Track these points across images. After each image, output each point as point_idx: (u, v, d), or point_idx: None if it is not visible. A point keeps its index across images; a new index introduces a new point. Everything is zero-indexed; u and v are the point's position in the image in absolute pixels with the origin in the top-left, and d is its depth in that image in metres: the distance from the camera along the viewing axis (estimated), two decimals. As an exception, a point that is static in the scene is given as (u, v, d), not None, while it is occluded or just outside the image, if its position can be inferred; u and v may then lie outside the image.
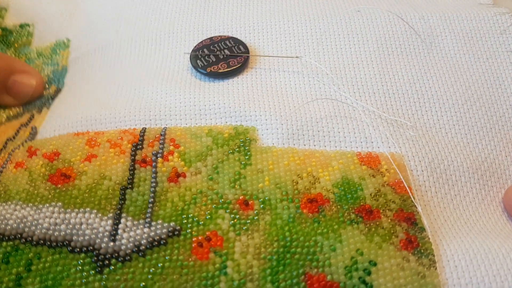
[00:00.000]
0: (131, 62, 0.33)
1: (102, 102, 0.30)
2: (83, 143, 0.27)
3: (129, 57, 0.33)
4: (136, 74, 0.32)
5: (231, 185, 0.25)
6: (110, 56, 0.34)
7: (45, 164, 0.26)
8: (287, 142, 0.27)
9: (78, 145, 0.27)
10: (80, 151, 0.26)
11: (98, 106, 0.30)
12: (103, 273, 0.21)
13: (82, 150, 0.26)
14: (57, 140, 0.27)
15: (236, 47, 0.32)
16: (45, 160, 0.26)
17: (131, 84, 0.31)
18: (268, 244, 0.23)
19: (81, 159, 0.26)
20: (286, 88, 0.31)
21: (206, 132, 0.27)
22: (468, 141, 0.29)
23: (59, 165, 0.26)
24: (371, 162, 0.26)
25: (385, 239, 0.23)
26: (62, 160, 0.26)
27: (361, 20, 0.34)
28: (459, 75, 0.32)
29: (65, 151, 0.26)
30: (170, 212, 0.24)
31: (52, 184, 0.25)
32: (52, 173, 0.25)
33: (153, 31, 0.35)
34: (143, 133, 0.27)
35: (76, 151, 0.26)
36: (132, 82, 0.31)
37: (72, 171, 0.25)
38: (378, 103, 0.30)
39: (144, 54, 0.33)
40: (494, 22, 0.35)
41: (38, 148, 0.27)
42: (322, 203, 0.24)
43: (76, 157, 0.26)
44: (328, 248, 0.22)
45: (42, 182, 0.25)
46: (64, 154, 0.26)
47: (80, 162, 0.26)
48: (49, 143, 0.27)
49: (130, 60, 0.33)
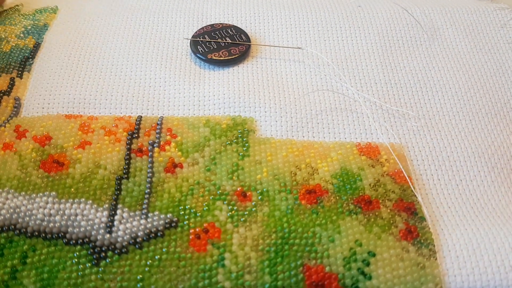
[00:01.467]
0: (127, 41, 0.32)
1: (96, 82, 0.29)
2: (76, 128, 0.26)
3: (126, 35, 0.33)
4: (133, 55, 0.31)
5: (228, 176, 0.24)
6: (103, 32, 0.33)
7: (36, 148, 0.25)
8: (285, 134, 0.27)
9: (70, 129, 0.26)
10: (73, 137, 0.26)
11: (92, 87, 0.29)
12: (100, 265, 0.21)
13: (75, 136, 0.26)
14: (47, 122, 0.27)
15: (238, 35, 0.32)
16: (36, 144, 0.25)
17: (128, 66, 0.30)
18: (266, 236, 0.22)
19: (74, 145, 0.25)
20: (287, 79, 0.30)
21: (203, 122, 0.27)
22: (473, 126, 0.28)
23: (51, 150, 0.25)
24: (371, 153, 0.26)
25: (384, 230, 0.23)
26: (54, 145, 0.25)
27: (363, 11, 0.34)
28: (461, 64, 0.31)
29: (57, 135, 0.26)
30: (167, 203, 0.23)
31: (44, 172, 0.24)
32: (44, 159, 0.25)
33: (152, 12, 0.34)
34: (139, 121, 0.27)
35: (68, 137, 0.26)
36: (129, 64, 0.31)
37: (65, 158, 0.25)
38: (379, 94, 0.29)
39: (141, 34, 0.33)
40: (494, 16, 0.34)
41: (27, 129, 0.26)
42: (321, 194, 0.24)
43: (69, 143, 0.26)
44: (327, 239, 0.22)
45: (34, 169, 0.24)
46: (56, 139, 0.26)
47: (73, 148, 0.25)
48: (38, 124, 0.26)
49: (126, 39, 0.32)
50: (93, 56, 0.31)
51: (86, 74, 0.30)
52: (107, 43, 0.32)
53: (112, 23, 0.33)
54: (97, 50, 0.32)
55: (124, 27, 0.33)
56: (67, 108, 0.28)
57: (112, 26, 0.33)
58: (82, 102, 0.28)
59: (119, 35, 0.33)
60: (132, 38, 0.32)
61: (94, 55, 0.31)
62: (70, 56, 0.31)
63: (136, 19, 0.34)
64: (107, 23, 0.33)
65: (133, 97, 0.29)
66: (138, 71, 0.30)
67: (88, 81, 0.29)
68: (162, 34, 0.33)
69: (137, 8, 0.35)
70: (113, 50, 0.31)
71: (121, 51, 0.31)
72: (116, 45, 0.32)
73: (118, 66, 0.30)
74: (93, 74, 0.30)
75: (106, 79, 0.30)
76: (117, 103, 0.28)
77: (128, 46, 0.32)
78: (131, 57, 0.31)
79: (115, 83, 0.29)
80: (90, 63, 0.31)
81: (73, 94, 0.29)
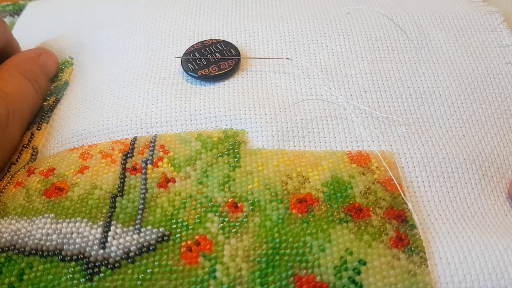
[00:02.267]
0: (124, 68, 0.33)
1: (95, 113, 0.30)
2: (77, 157, 0.27)
3: (122, 63, 0.34)
4: (128, 80, 0.32)
5: (220, 188, 0.25)
6: (104, 65, 0.34)
7: (41, 180, 0.26)
8: (277, 144, 0.27)
9: (72, 159, 0.27)
10: (74, 165, 0.27)
11: (91, 118, 0.30)
12: (93, 280, 0.22)
13: (76, 164, 0.27)
14: (54, 157, 0.28)
15: (227, 50, 0.33)
16: (41, 176, 0.26)
17: (124, 91, 0.31)
18: (257, 246, 0.23)
19: (75, 171, 0.26)
20: (277, 90, 0.31)
21: (195, 137, 0.27)
22: (464, 133, 0.28)
23: (54, 179, 0.26)
24: (361, 161, 0.26)
25: (375, 238, 0.23)
26: (57, 174, 0.26)
27: (351, 20, 0.34)
28: (452, 70, 0.31)
29: (60, 166, 0.27)
30: (159, 218, 0.24)
31: (46, 198, 0.25)
32: (47, 187, 0.25)
33: (145, 37, 0.35)
34: (134, 141, 0.28)
35: (70, 165, 0.27)
36: (124, 89, 0.31)
37: (65, 184, 0.26)
38: (369, 101, 0.30)
39: (136, 59, 0.34)
40: (484, 20, 0.34)
41: (37, 167, 0.27)
42: (312, 202, 0.24)
43: (70, 171, 0.26)
44: (317, 248, 0.22)
45: (38, 197, 0.25)
46: (59, 169, 0.26)
47: (74, 174, 0.26)
48: (46, 160, 0.27)
49: (123, 67, 0.33)
50: (95, 91, 0.32)
51: (89, 107, 0.31)
52: (101, 68, 0.34)
53: (105, 47, 0.35)
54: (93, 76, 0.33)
55: (118, 51, 0.34)
56: (72, 142, 0.29)
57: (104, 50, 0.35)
58: (83, 133, 0.29)
59: (117, 66, 0.34)
60: (127, 64, 0.34)
61: (95, 90, 0.32)
62: (80, 99, 0.32)
63: (130, 42, 0.35)
64: (108, 58, 0.35)
65: (127, 118, 0.29)
66: (132, 94, 0.31)
67: (90, 113, 0.31)
68: (154, 55, 0.34)
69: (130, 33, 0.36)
70: (110, 81, 0.33)
71: (118, 79, 0.33)
72: (113, 74, 0.33)
73: (114, 94, 0.32)
74: (94, 105, 0.31)
75: (105, 107, 0.31)
76: (113, 127, 0.29)
77: (124, 73, 0.33)
78: (127, 83, 0.32)
79: (112, 109, 0.30)
80: (92, 98, 0.32)
81: (76, 128, 0.30)
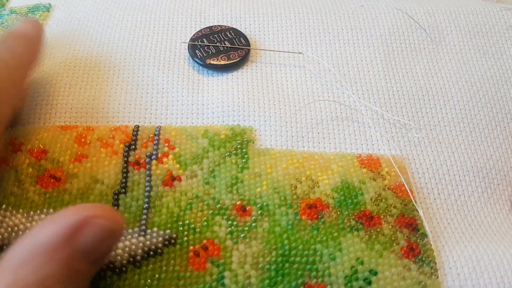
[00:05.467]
0: (124, 44, 0.31)
1: (94, 90, 0.28)
2: (72, 140, 0.25)
3: (121, 37, 0.31)
4: (129, 60, 0.30)
5: (228, 190, 0.24)
6: (99, 34, 0.32)
7: (32, 163, 0.24)
8: (285, 144, 0.27)
9: (66, 142, 0.25)
10: (69, 150, 0.25)
11: (89, 95, 0.28)
12: (99, 285, 0.21)
13: (71, 149, 0.25)
14: (43, 134, 0.26)
15: (237, 39, 0.31)
16: (32, 158, 0.25)
17: (125, 71, 0.29)
18: (266, 253, 0.22)
19: (71, 158, 0.25)
20: (287, 85, 0.30)
21: (202, 133, 0.26)
22: (473, 138, 0.28)
23: (48, 165, 0.24)
24: (372, 165, 0.25)
25: (386, 247, 0.22)
26: (50, 159, 0.25)
27: (365, 15, 0.33)
28: (464, 71, 0.31)
29: (53, 149, 0.25)
30: (165, 219, 0.23)
31: (41, 188, 0.24)
32: (40, 174, 0.24)
33: (148, 12, 0.33)
34: (136, 132, 0.26)
35: (65, 150, 0.25)
36: (126, 69, 0.30)
37: (62, 173, 0.24)
38: (381, 101, 0.29)
39: (138, 36, 0.32)
40: (500, 17, 0.33)
41: (23, 142, 0.25)
42: (322, 209, 0.24)
43: (65, 157, 0.25)
44: (328, 257, 0.22)
45: (31, 185, 0.24)
46: (52, 153, 0.25)
47: (70, 162, 0.25)
48: (34, 137, 0.26)
49: (123, 42, 0.31)
50: (89, 61, 0.30)
51: (83, 81, 0.29)
52: (103, 46, 0.31)
53: (108, 24, 0.32)
54: (93, 54, 0.31)
55: (120, 28, 0.32)
56: (63, 118, 0.27)
57: (108, 27, 0.32)
58: (78, 111, 0.27)
59: (115, 38, 0.31)
60: (128, 41, 0.31)
61: (90, 60, 0.30)
62: (66, 62, 0.30)
63: (132, 20, 0.33)
64: (102, 24, 0.32)
65: (130, 105, 0.28)
66: (135, 77, 0.29)
67: (84, 88, 0.28)
68: (160, 36, 0.32)
69: (132, 7, 0.34)
70: (109, 55, 0.30)
71: (118, 55, 0.30)
72: (112, 49, 0.31)
73: (114, 72, 0.30)
74: (90, 81, 0.29)
75: (103, 86, 0.29)
76: (114, 111, 0.28)
77: (125, 50, 0.31)
78: (128, 62, 0.30)
79: (112, 90, 0.29)
80: (86, 69, 0.30)
81: (70, 103, 0.28)
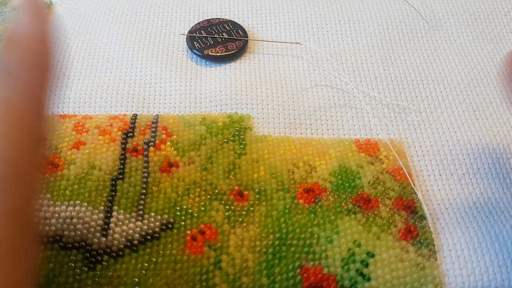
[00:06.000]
0: (123, 36, 0.31)
1: (92, 80, 0.29)
2: (70, 128, 0.26)
3: (120, 30, 0.32)
4: (128, 51, 0.30)
5: (225, 176, 0.24)
6: (98, 28, 0.32)
7: None
8: (283, 131, 0.26)
9: (65, 129, 0.26)
10: (68, 137, 0.25)
11: (87, 85, 0.29)
12: (96, 269, 0.21)
13: (70, 136, 0.25)
14: None
15: (235, 30, 0.31)
16: None
17: (123, 63, 0.30)
18: (264, 237, 0.22)
19: (69, 146, 0.25)
20: (284, 74, 0.30)
21: (199, 120, 0.26)
22: (477, 117, 0.27)
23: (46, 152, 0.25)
24: (370, 149, 0.25)
25: (384, 229, 0.22)
26: (49, 146, 0.25)
27: (363, 4, 0.33)
28: (464, 55, 0.30)
29: (51, 136, 0.25)
30: (162, 204, 0.23)
31: None
32: None
33: (147, 6, 0.33)
34: (134, 120, 0.26)
35: (63, 137, 0.25)
36: (124, 60, 0.30)
37: (59, 159, 0.24)
38: (379, 88, 0.29)
39: (136, 29, 0.32)
40: (497, 3, 0.33)
41: None
42: (319, 193, 0.23)
43: (63, 144, 0.25)
44: (325, 240, 0.22)
45: None
46: (51, 140, 0.25)
47: (68, 149, 0.25)
48: None
49: (121, 34, 0.32)
50: (88, 53, 0.30)
51: (82, 71, 0.29)
52: (102, 38, 0.31)
53: (107, 18, 0.33)
54: (92, 46, 0.31)
55: (119, 22, 0.32)
56: (62, 107, 0.27)
57: (107, 21, 0.33)
58: (77, 101, 0.28)
59: (114, 31, 0.32)
60: (128, 34, 0.32)
61: (89, 52, 0.31)
62: (65, 54, 0.30)
63: (131, 14, 0.33)
64: (102, 18, 0.33)
65: (129, 95, 0.28)
66: (133, 68, 0.30)
67: (83, 79, 0.29)
68: (158, 29, 0.32)
69: (132, 1, 0.34)
70: (108, 47, 0.31)
71: (116, 47, 0.31)
72: (111, 42, 0.31)
73: (113, 63, 0.30)
74: (88, 71, 0.29)
75: (102, 76, 0.29)
76: (113, 101, 0.28)
77: (124, 42, 0.31)
78: (127, 53, 0.30)
79: (110, 80, 0.29)
80: (85, 61, 0.30)
81: (69, 93, 0.28)
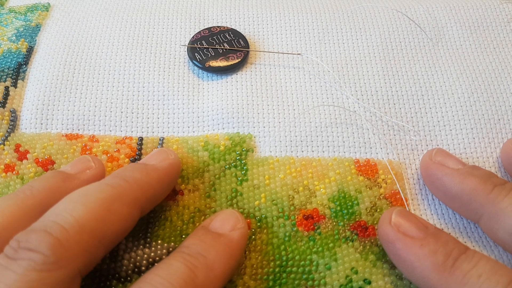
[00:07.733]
0: (124, 46, 0.31)
1: (94, 95, 0.29)
2: (78, 152, 0.27)
3: (121, 39, 0.32)
4: (129, 63, 0.31)
5: (228, 203, 0.25)
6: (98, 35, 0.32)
7: (39, 173, 0.26)
8: (285, 150, 0.27)
9: (73, 153, 0.27)
10: None
11: (90, 101, 0.29)
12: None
13: None
14: (48, 143, 0.27)
15: (236, 40, 0.31)
16: (39, 168, 0.26)
17: (125, 76, 0.30)
18: (265, 264, 0.23)
19: None
20: (286, 87, 0.30)
21: (202, 145, 0.27)
22: (474, 136, 0.28)
23: None
24: (369, 172, 0.26)
25: (379, 257, 0.23)
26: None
27: (364, 15, 0.33)
28: (465, 66, 0.30)
29: (59, 159, 0.26)
30: (169, 232, 0.24)
31: None
32: None
33: (147, 13, 0.33)
34: (140, 144, 0.27)
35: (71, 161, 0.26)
36: (126, 73, 0.30)
37: None
38: (380, 103, 0.29)
39: (137, 38, 0.32)
40: (500, 10, 0.33)
41: (28, 150, 0.26)
42: (318, 219, 0.24)
43: None
44: (324, 266, 0.23)
45: None
46: (59, 164, 0.26)
47: None
48: (40, 145, 0.27)
49: (122, 43, 0.32)
50: (89, 63, 0.31)
51: (83, 85, 0.30)
52: (102, 48, 0.31)
53: (107, 25, 0.33)
54: (93, 56, 0.31)
55: (119, 30, 0.32)
56: (66, 125, 0.28)
57: (107, 28, 0.32)
58: (81, 119, 0.28)
59: (114, 39, 0.32)
60: (128, 43, 0.32)
61: (90, 62, 0.31)
62: (66, 64, 0.30)
63: (131, 20, 0.33)
64: (101, 24, 0.33)
65: (133, 114, 0.29)
66: (136, 82, 0.30)
67: (86, 94, 0.29)
68: (159, 38, 0.32)
69: (131, 7, 0.34)
70: (109, 57, 0.31)
71: (117, 57, 0.31)
72: (112, 51, 0.31)
73: (115, 76, 0.30)
74: (90, 85, 0.30)
75: (104, 91, 0.29)
76: (117, 120, 0.28)
77: (125, 52, 0.31)
78: (128, 65, 0.31)
79: (113, 96, 0.29)
80: (86, 72, 0.30)
81: (72, 109, 0.29)
